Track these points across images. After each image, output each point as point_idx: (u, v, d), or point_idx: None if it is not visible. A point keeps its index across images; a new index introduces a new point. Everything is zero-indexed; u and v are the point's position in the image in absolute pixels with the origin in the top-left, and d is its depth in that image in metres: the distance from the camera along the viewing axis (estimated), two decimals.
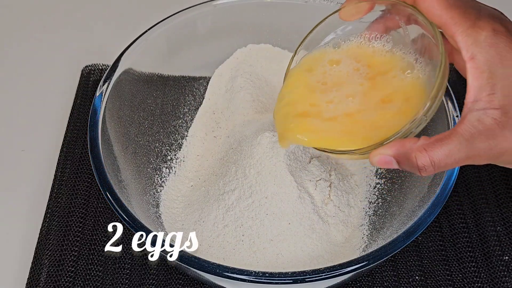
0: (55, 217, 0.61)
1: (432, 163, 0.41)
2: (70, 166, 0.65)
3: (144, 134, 0.64)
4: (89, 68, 0.75)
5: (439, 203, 0.50)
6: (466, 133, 0.40)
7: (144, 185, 0.62)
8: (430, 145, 0.41)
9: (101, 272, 0.58)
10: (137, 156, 0.62)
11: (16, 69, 0.79)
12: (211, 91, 0.69)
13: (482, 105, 0.40)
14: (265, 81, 0.69)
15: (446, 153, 0.40)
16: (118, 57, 0.60)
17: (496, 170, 0.65)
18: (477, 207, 0.62)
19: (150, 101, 0.65)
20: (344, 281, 0.55)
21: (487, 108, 0.39)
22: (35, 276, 0.58)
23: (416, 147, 0.41)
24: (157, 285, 0.57)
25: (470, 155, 0.40)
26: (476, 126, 0.40)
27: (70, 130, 0.69)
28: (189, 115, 0.69)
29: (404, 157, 0.42)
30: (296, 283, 0.46)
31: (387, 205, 0.61)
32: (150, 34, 0.63)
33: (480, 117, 0.40)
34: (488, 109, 0.39)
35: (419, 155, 0.41)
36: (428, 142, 0.41)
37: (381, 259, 0.48)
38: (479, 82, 0.40)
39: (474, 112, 0.40)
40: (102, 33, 0.84)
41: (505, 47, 0.40)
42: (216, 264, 0.47)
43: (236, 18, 0.67)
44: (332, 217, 0.58)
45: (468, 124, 0.40)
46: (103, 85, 0.58)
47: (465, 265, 0.59)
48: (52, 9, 0.87)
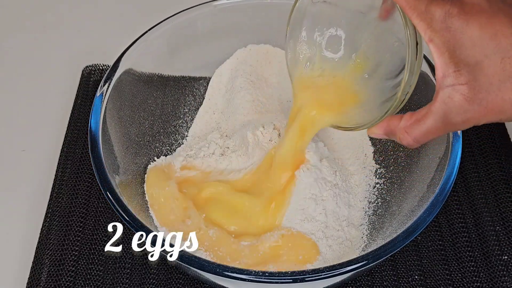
0: (55, 216, 0.61)
1: (415, 141, 0.46)
2: (71, 166, 0.65)
3: (145, 134, 0.64)
4: (90, 68, 0.75)
5: (438, 203, 0.51)
6: (440, 111, 0.43)
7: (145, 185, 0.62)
8: (410, 127, 0.45)
9: (102, 271, 0.58)
10: (138, 156, 0.62)
11: (17, 69, 0.80)
12: (211, 91, 0.69)
13: (450, 81, 0.42)
14: (265, 81, 0.69)
15: (424, 131, 0.45)
16: (119, 57, 0.61)
17: (495, 170, 0.65)
18: (476, 207, 0.63)
19: (150, 101, 0.65)
20: (343, 281, 0.55)
21: (455, 84, 0.41)
22: (35, 275, 0.58)
23: (399, 128, 0.46)
24: (158, 284, 0.57)
25: (447, 129, 0.44)
26: (447, 103, 0.42)
27: (70, 130, 0.69)
28: (189, 115, 0.69)
29: (391, 135, 0.48)
30: (296, 283, 0.47)
31: (386, 205, 0.61)
32: (150, 34, 0.63)
33: (450, 94, 0.42)
34: (456, 85, 0.41)
35: (402, 136, 0.46)
36: (408, 123, 0.46)
37: (381, 258, 0.48)
38: (443, 59, 0.42)
39: (445, 89, 0.42)
40: (103, 33, 0.84)
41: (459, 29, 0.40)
42: (216, 263, 0.47)
43: (236, 18, 0.67)
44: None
45: (440, 101, 0.43)
46: (103, 85, 0.58)
47: (464, 264, 0.59)
48: (52, 9, 0.87)
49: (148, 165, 0.63)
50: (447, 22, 0.40)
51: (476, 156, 0.66)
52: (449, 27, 0.40)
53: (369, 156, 0.66)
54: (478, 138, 0.68)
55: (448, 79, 0.42)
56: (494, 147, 0.67)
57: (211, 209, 0.59)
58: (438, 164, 0.54)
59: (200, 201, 0.60)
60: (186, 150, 0.65)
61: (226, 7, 0.66)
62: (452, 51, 0.41)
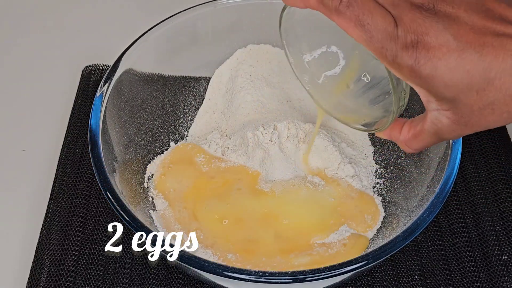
0: (55, 217, 0.61)
1: (416, 151, 0.49)
2: (71, 166, 0.65)
3: (145, 134, 0.64)
4: (90, 68, 0.75)
5: (438, 203, 0.51)
6: (431, 129, 0.45)
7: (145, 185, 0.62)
8: (409, 141, 0.48)
9: (102, 271, 0.58)
10: (138, 156, 0.62)
11: (17, 69, 0.80)
12: (211, 91, 0.69)
13: (435, 106, 0.43)
14: (265, 81, 0.69)
15: (422, 144, 0.47)
16: (119, 57, 0.61)
17: (495, 170, 0.65)
18: (476, 207, 0.63)
19: (150, 101, 0.65)
20: (343, 281, 0.55)
21: (439, 109, 0.43)
22: (35, 275, 0.58)
23: (399, 141, 0.49)
24: (158, 284, 0.57)
25: (443, 140, 0.46)
26: (436, 124, 0.44)
27: (70, 130, 0.69)
28: (189, 115, 0.69)
29: (394, 141, 0.50)
30: (296, 283, 0.47)
31: (386, 204, 0.61)
32: (150, 34, 0.63)
33: (437, 117, 0.44)
34: (441, 110, 0.43)
35: (403, 148, 0.49)
36: (407, 138, 0.48)
37: (381, 258, 0.48)
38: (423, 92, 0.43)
39: (432, 112, 0.44)
40: (103, 33, 0.84)
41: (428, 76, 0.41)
42: (216, 263, 0.47)
43: (236, 18, 0.67)
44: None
45: (430, 122, 0.44)
46: (103, 85, 0.58)
47: (464, 264, 0.59)
48: (52, 9, 0.87)
49: (148, 165, 0.63)
50: (416, 72, 0.41)
51: (476, 156, 0.66)
52: (419, 75, 0.41)
53: (369, 156, 0.66)
54: (478, 138, 0.68)
55: (432, 104, 0.43)
56: (494, 147, 0.67)
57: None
58: (438, 164, 0.54)
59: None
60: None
61: (226, 7, 0.66)
62: (428, 89, 0.42)
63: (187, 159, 0.64)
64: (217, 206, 0.60)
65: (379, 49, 0.41)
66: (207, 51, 0.68)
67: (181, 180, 0.62)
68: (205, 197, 0.61)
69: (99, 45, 0.81)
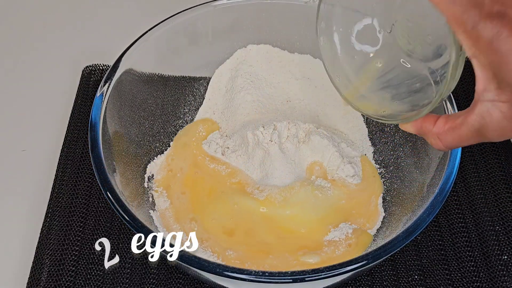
0: (55, 216, 0.61)
1: (446, 147, 0.46)
2: (71, 166, 0.65)
3: (145, 134, 0.64)
4: (90, 68, 0.75)
5: (438, 203, 0.51)
6: (476, 124, 0.42)
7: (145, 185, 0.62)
8: (443, 134, 0.45)
9: (102, 271, 0.58)
10: (138, 156, 0.62)
11: (17, 69, 0.80)
12: (211, 91, 0.69)
13: (491, 96, 0.40)
14: (265, 81, 0.69)
15: (458, 140, 0.44)
16: (119, 57, 0.61)
17: (495, 170, 0.65)
18: (476, 207, 0.63)
19: (150, 101, 0.65)
20: (343, 281, 0.55)
21: (495, 101, 0.40)
22: (36, 275, 0.58)
23: (432, 133, 0.46)
24: (158, 284, 0.57)
25: (480, 140, 0.43)
26: (485, 117, 0.41)
27: (70, 130, 0.69)
28: (189, 115, 0.69)
29: (423, 135, 0.48)
30: (296, 283, 0.47)
31: (386, 204, 0.61)
32: (150, 34, 0.63)
33: (489, 109, 0.41)
34: (497, 102, 0.40)
35: (433, 141, 0.46)
36: (442, 130, 0.45)
37: (381, 258, 0.48)
38: (486, 75, 0.40)
39: (484, 102, 0.41)
40: (103, 33, 0.84)
41: (506, 52, 0.38)
42: (216, 263, 0.47)
43: (236, 18, 0.67)
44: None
45: (477, 114, 0.42)
46: (103, 86, 0.58)
47: (464, 264, 0.59)
48: (52, 9, 0.87)
49: (148, 165, 0.63)
50: (495, 44, 0.38)
51: (476, 156, 0.66)
52: (496, 49, 0.38)
53: (369, 156, 0.66)
54: None
55: (489, 93, 0.40)
56: (494, 147, 0.67)
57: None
58: (438, 164, 0.54)
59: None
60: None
61: (226, 7, 0.66)
62: (496, 71, 0.39)
63: (190, 158, 0.66)
64: (222, 219, 0.60)
65: (459, 13, 0.38)
66: (207, 51, 0.68)
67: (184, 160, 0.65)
68: (206, 201, 0.61)
69: (99, 45, 0.81)
